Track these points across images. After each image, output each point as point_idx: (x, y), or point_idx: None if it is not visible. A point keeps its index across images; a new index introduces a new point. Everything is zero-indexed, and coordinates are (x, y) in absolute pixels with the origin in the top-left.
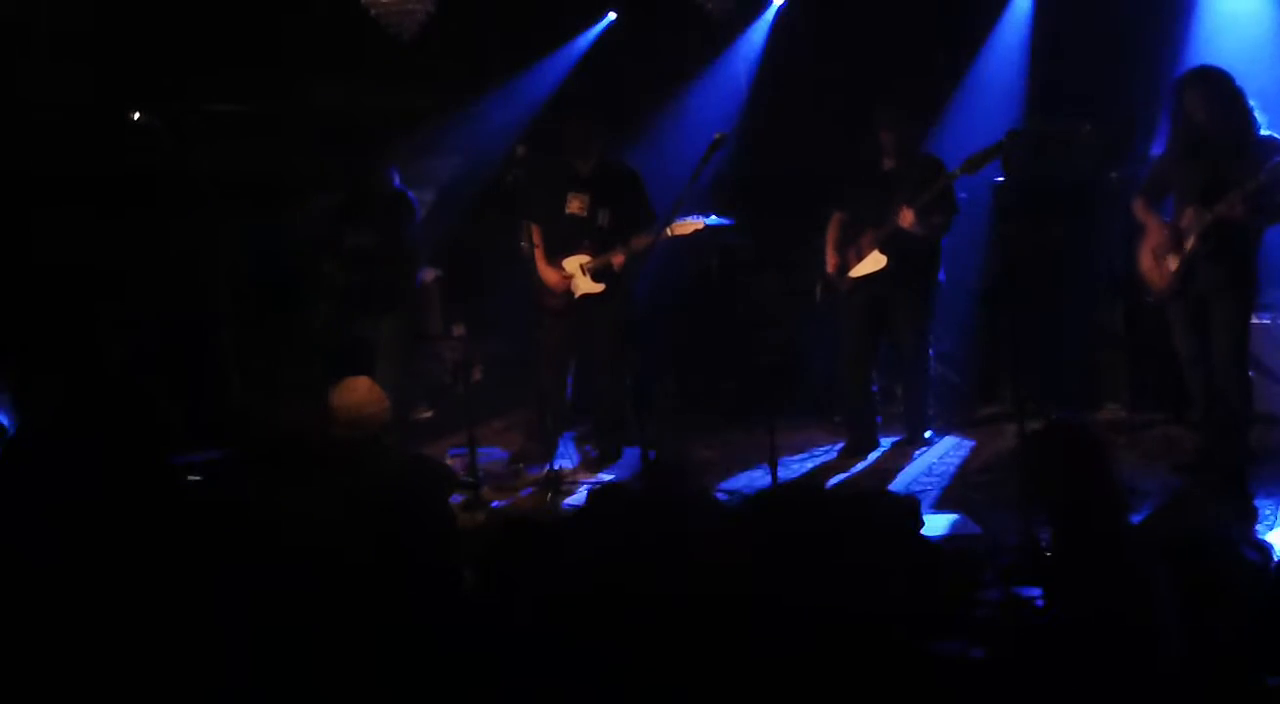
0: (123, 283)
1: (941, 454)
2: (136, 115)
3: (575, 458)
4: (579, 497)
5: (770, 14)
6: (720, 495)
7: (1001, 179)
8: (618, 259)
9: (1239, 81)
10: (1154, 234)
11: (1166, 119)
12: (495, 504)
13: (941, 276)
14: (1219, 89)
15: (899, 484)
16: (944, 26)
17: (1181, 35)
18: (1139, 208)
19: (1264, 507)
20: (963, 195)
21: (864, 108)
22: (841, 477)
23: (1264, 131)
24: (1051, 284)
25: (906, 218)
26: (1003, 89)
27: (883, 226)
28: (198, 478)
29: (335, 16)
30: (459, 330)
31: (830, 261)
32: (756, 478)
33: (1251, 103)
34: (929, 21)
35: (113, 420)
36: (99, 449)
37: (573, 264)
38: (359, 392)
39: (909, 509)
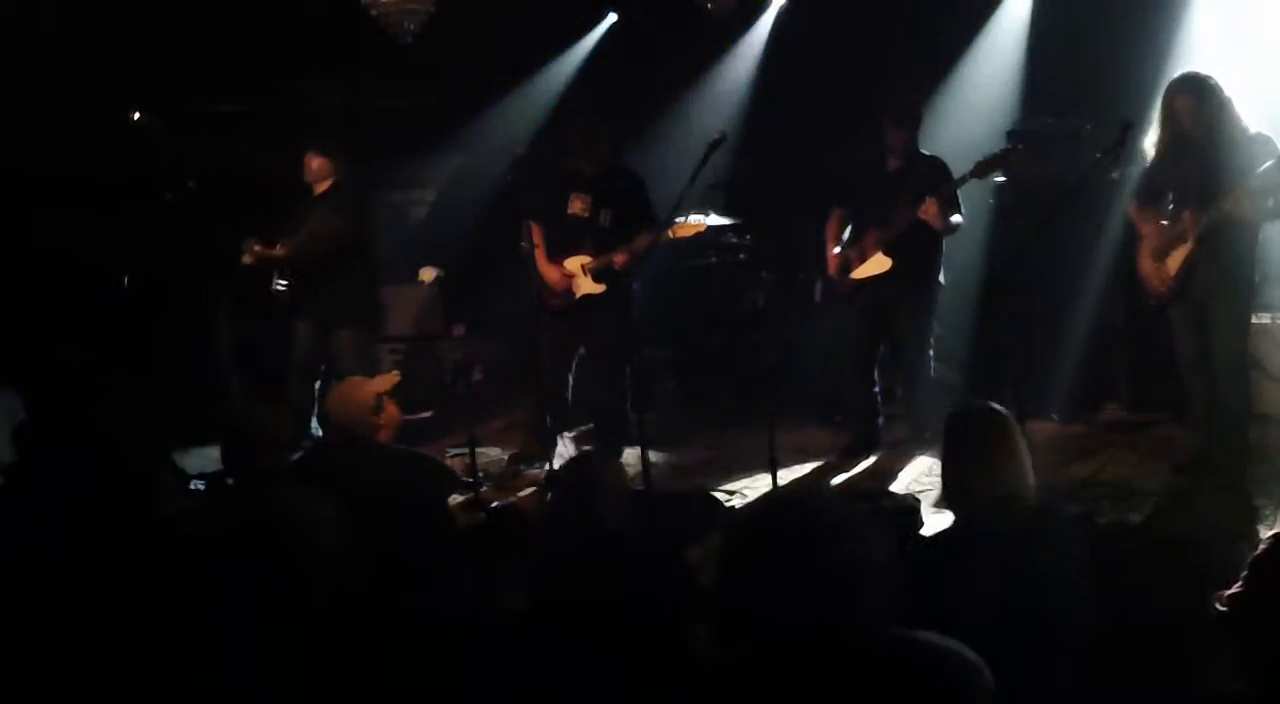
0: (123, 282)
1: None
2: (136, 115)
3: None
4: None
5: (770, 14)
6: (721, 495)
7: (1002, 179)
8: (620, 259)
9: (1225, 85)
10: (1151, 238)
11: (1156, 124)
12: (495, 504)
13: (941, 278)
14: (1206, 96)
15: (899, 484)
16: (944, 26)
17: (1180, 34)
18: (1134, 212)
19: (1264, 507)
20: (961, 194)
21: (864, 108)
22: (842, 477)
23: (1254, 131)
24: (1051, 284)
25: (930, 209)
26: (1000, 88)
27: (889, 227)
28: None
29: (335, 16)
30: (459, 330)
31: (830, 260)
32: (756, 478)
33: (1238, 105)
34: (929, 21)
35: (112, 419)
36: (99, 448)
37: (574, 264)
38: (356, 393)
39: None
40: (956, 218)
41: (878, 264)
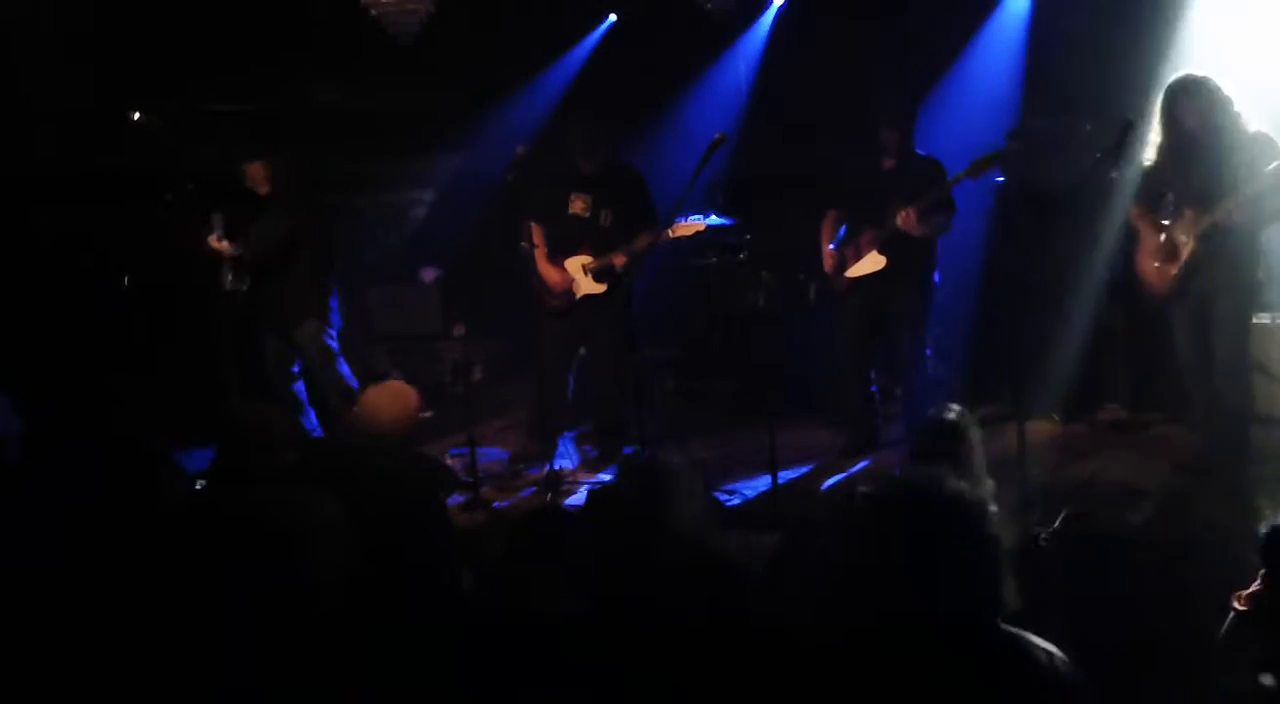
0: (122, 283)
1: None
2: (136, 115)
3: (575, 458)
4: (579, 497)
5: (770, 14)
6: (721, 495)
7: (1001, 179)
8: (619, 260)
9: (1225, 86)
10: (1152, 238)
11: (1158, 126)
12: (495, 504)
13: (936, 277)
14: (1206, 97)
15: None
16: (944, 26)
17: (1180, 34)
18: (1135, 214)
19: (1264, 506)
20: (960, 194)
21: (864, 108)
22: (841, 476)
23: (1254, 131)
24: (1050, 284)
25: (909, 219)
26: (1000, 88)
27: (883, 226)
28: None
29: (335, 16)
30: (459, 330)
31: (826, 257)
32: (756, 478)
33: (1238, 106)
34: (928, 21)
35: (112, 420)
36: (99, 450)
37: (574, 264)
38: (407, 398)
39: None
40: (944, 217)
41: (873, 263)
